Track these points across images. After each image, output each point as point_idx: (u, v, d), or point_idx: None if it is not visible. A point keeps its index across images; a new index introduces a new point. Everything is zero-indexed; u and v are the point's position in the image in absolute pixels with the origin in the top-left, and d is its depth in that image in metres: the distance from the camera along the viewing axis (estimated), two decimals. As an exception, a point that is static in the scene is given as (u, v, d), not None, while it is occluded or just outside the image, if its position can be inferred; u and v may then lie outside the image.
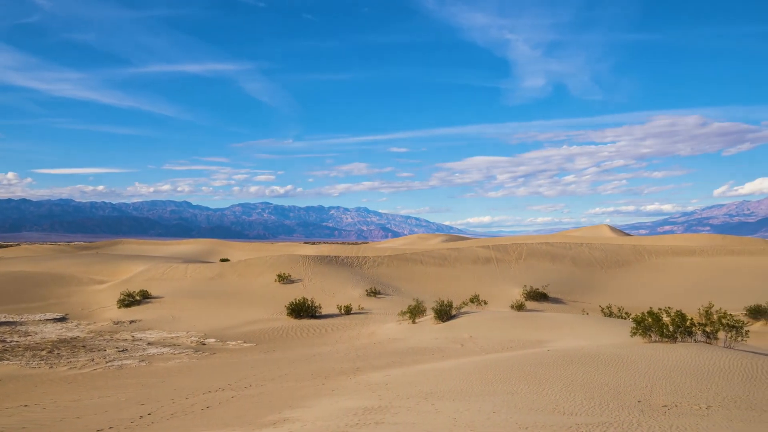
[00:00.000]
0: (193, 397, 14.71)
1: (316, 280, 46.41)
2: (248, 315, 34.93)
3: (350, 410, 10.92)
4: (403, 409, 10.52)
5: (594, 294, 48.13)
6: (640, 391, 10.92)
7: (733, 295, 42.76)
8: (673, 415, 9.15)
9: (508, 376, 12.99)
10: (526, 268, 56.61)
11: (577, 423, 8.61)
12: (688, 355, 13.97)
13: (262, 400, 13.73)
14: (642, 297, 44.94)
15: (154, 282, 45.43)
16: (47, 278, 47.96)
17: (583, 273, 55.65)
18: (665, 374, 12.30)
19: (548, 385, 11.75)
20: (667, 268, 56.93)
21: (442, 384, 12.93)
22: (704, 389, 11.07)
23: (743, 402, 10.18)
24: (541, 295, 44.05)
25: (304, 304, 33.62)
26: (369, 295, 42.35)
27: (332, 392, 13.88)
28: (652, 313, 17.13)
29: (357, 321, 32.19)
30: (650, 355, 14.12)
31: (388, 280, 50.76)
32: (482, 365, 15.02)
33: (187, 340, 27.49)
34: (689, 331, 16.21)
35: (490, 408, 10.00)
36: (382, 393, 12.64)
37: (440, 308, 28.24)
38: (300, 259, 51.39)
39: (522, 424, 8.70)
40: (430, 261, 57.36)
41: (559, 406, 9.97)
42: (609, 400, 10.28)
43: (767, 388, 11.34)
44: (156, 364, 21.60)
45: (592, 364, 13.69)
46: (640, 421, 8.63)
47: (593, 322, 25.76)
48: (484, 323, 26.61)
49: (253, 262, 51.22)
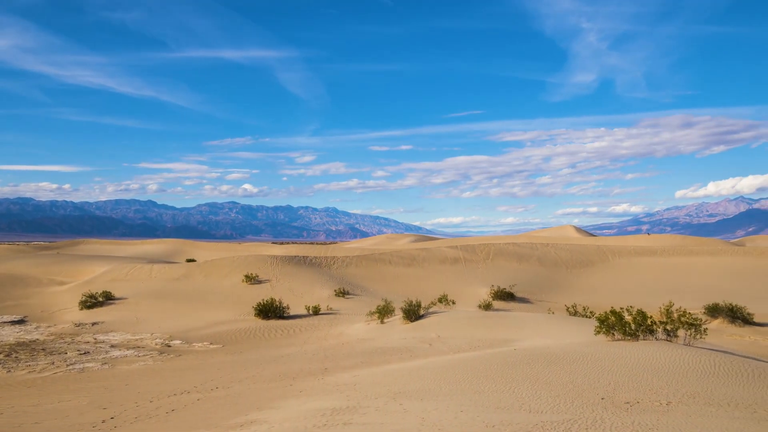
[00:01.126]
0: (157, 400, 14.44)
1: (284, 280, 46.06)
2: (215, 316, 34.46)
3: (318, 411, 10.87)
4: (371, 409, 10.52)
5: (559, 293, 48.93)
6: (603, 389, 11.14)
7: (693, 294, 44.01)
8: (635, 411, 9.36)
9: (475, 376, 13.10)
10: (494, 268, 57.23)
11: (543, 421, 8.74)
12: (649, 352, 14.31)
13: (228, 402, 13.56)
14: (606, 296, 45.89)
15: (118, 283, 44.45)
16: (4, 279, 46.49)
17: (549, 273, 56.52)
18: (628, 372, 12.58)
19: (515, 384, 11.90)
20: (629, 268, 58.25)
21: (410, 384, 12.98)
22: (665, 386, 11.36)
23: (701, 398, 10.48)
24: (508, 294, 44.58)
25: (271, 305, 33.33)
26: (338, 295, 42.23)
27: (300, 393, 13.79)
28: (615, 312, 17.51)
29: (325, 321, 32.07)
30: (613, 353, 14.43)
31: (356, 280, 50.70)
32: (450, 365, 15.12)
33: (152, 342, 26.97)
34: (651, 329, 16.61)
35: (458, 407, 10.08)
36: (351, 393, 12.62)
37: (409, 308, 28.33)
38: (268, 260, 50.94)
39: (489, 422, 8.79)
40: (398, 261, 57.50)
41: (526, 404, 10.10)
42: (574, 397, 10.47)
43: (723, 384, 11.70)
44: (119, 367, 21.14)
45: (557, 362, 13.92)
46: (603, 418, 8.81)
47: (559, 321, 26.19)
48: (452, 323, 26.80)
49: (220, 263, 50.56)
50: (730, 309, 33.89)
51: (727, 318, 33.53)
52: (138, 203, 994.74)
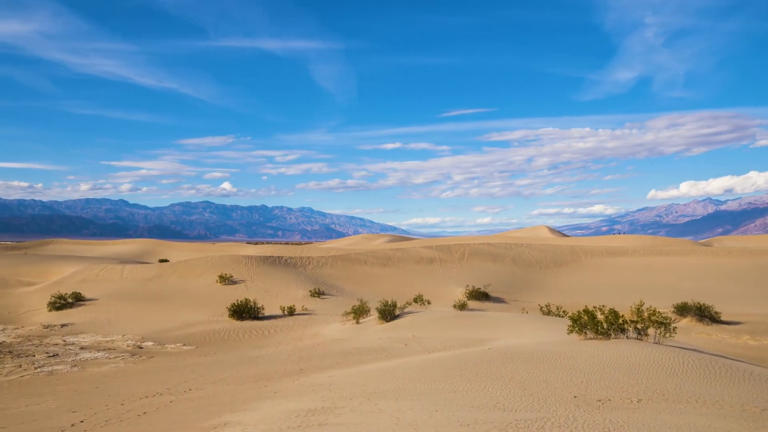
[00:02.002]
0: (129, 402, 14.21)
1: (258, 280, 45.71)
2: (188, 317, 34.04)
3: (293, 412, 10.81)
4: (347, 410, 10.50)
5: (534, 293, 49.47)
6: (576, 387, 11.30)
7: (662, 293, 44.90)
8: (606, 409, 9.51)
9: (450, 375, 13.17)
10: (469, 268, 57.60)
11: (517, 419, 8.82)
12: (620, 351, 14.55)
13: (202, 404, 13.41)
14: (578, 295, 46.54)
15: (88, 284, 43.60)
16: (-30, 280, 45.25)
17: (523, 273, 57.11)
18: (599, 370, 12.77)
19: (489, 383, 11.99)
20: (601, 268, 59.18)
21: (385, 384, 12.99)
22: (635, 383, 11.56)
23: (670, 395, 10.70)
24: (482, 294, 44.92)
25: (246, 306, 33.05)
26: (313, 295, 42.07)
27: (275, 394, 13.71)
28: (588, 311, 17.76)
29: (301, 322, 31.92)
30: (586, 352, 14.64)
31: (332, 280, 50.57)
32: (425, 364, 15.18)
33: (123, 344, 26.53)
34: (622, 328, 16.89)
35: (433, 406, 10.12)
36: (326, 394, 12.58)
37: (384, 308, 28.36)
38: (242, 260, 50.50)
39: (463, 421, 8.84)
40: (374, 261, 57.51)
41: (500, 403, 10.19)
42: (547, 395, 10.59)
43: (692, 382, 11.96)
44: (89, 369, 20.74)
45: (531, 361, 14.07)
46: (575, 416, 8.93)
47: (532, 320, 26.48)
48: (428, 323, 26.89)
49: (194, 263, 49.96)
50: (698, 308, 34.66)
51: (696, 317, 34.28)
52: (109, 202, 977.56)
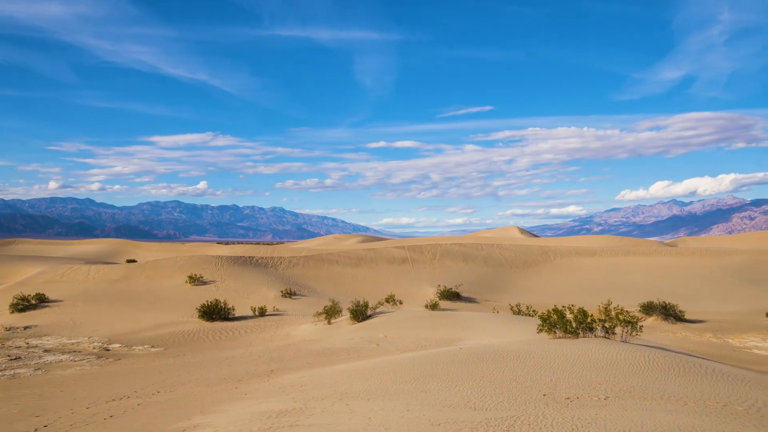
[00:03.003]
0: (95, 406, 13.91)
1: (229, 281, 45.22)
2: (157, 318, 33.49)
3: (264, 414, 10.72)
4: (318, 411, 10.46)
5: (504, 293, 49.98)
6: (545, 385, 11.45)
7: (629, 293, 45.82)
8: (575, 406, 9.66)
9: (422, 375, 13.22)
10: (440, 268, 57.92)
11: (487, 418, 8.90)
12: (589, 349, 14.80)
13: (170, 407, 13.20)
14: (548, 295, 47.18)
15: (53, 284, 42.55)
16: (-73, 281, 43.77)
17: (494, 273, 57.65)
18: (568, 368, 12.97)
19: (460, 382, 12.07)
20: (570, 268, 60.10)
21: (357, 384, 12.97)
22: (603, 381, 11.77)
23: (637, 392, 10.92)
24: (454, 294, 45.21)
25: (216, 306, 32.65)
26: (284, 296, 41.79)
27: (245, 396, 13.57)
28: (557, 310, 18.02)
29: (272, 323, 31.67)
30: (555, 351, 14.84)
31: (303, 280, 50.31)
32: (397, 364, 15.20)
33: (89, 346, 25.96)
34: (590, 327, 17.18)
35: (404, 406, 10.14)
36: (297, 395, 12.51)
37: (356, 308, 28.33)
38: (212, 260, 49.90)
39: (435, 421, 8.88)
40: (346, 261, 57.41)
41: (471, 402, 10.26)
42: (517, 394, 10.71)
43: (657, 379, 12.23)
44: (54, 373, 20.23)
45: (501, 360, 14.21)
46: (545, 414, 9.05)
47: (503, 320, 26.75)
48: (399, 323, 26.95)
49: (163, 263, 49.17)
50: (663, 307, 35.48)
51: (661, 315, 35.08)
52: (75, 201, 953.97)
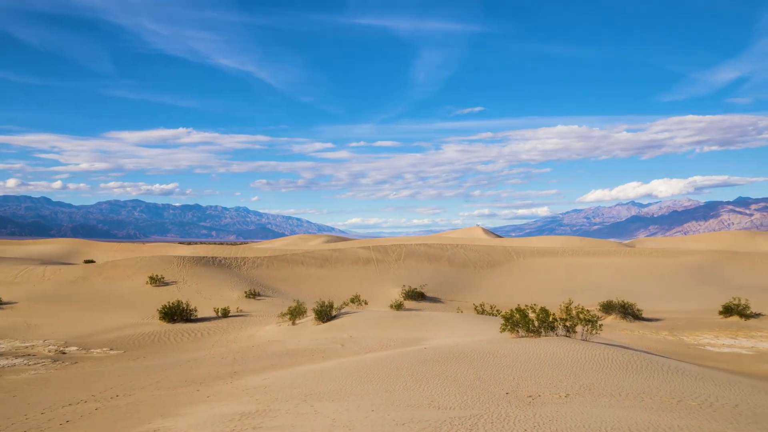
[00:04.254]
0: (50, 411, 13.49)
1: (191, 282, 44.47)
2: (116, 320, 32.70)
3: (226, 416, 10.59)
4: (282, 412, 10.38)
5: (468, 292, 50.49)
6: (508, 384, 11.61)
7: (589, 292, 46.85)
8: (537, 404, 9.83)
9: (386, 375, 13.25)
10: (405, 268, 58.14)
11: (451, 417, 8.97)
12: (550, 348, 15.07)
13: (130, 411, 12.91)
14: (511, 295, 47.85)
15: (6, 286, 41.12)
16: None
17: (458, 273, 58.17)
18: (531, 367, 13.18)
19: (425, 382, 12.14)
20: (533, 268, 61.09)
21: (321, 385, 12.92)
22: (564, 379, 12.00)
23: (596, 389, 11.17)
24: (419, 294, 45.45)
25: (178, 308, 32.07)
26: (248, 296, 41.33)
27: (208, 398, 13.37)
28: (520, 309, 18.30)
29: (235, 324, 31.28)
30: (518, 350, 15.07)
31: (268, 281, 49.85)
32: (362, 365, 15.20)
33: (45, 350, 25.16)
34: (552, 326, 17.50)
35: (369, 406, 10.15)
36: (260, 397, 12.38)
37: (321, 309, 28.21)
38: (174, 260, 48.99)
39: (399, 420, 8.91)
40: (311, 262, 57.12)
41: (435, 401, 10.33)
42: (480, 393, 10.83)
43: (616, 376, 12.53)
44: (6, 377, 19.54)
45: (465, 359, 14.34)
46: (507, 412, 9.17)
47: (467, 319, 27.00)
48: (364, 323, 26.95)
49: (122, 264, 48.05)
50: (622, 306, 36.41)
51: (620, 314, 35.99)
52: (29, 200, 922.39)
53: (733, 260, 64.26)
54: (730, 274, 57.78)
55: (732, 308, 35.52)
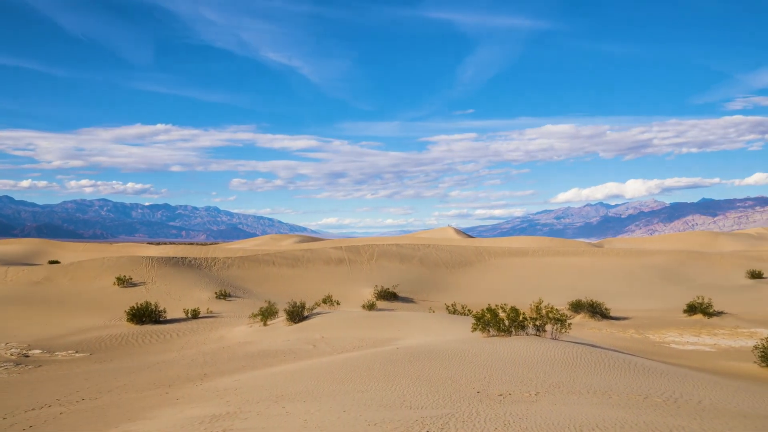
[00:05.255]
0: (12, 416, 13.13)
1: (160, 282, 43.77)
2: (82, 322, 31.99)
3: (196, 419, 10.45)
4: (253, 414, 10.29)
5: (440, 292, 50.77)
6: (479, 383, 11.71)
7: (559, 291, 47.53)
8: (507, 402, 9.93)
9: (358, 375, 13.24)
10: (378, 268, 58.18)
11: (423, 416, 9.01)
12: (521, 347, 15.26)
13: (96, 415, 12.64)
14: (482, 294, 48.26)
15: (-34, 288, 39.89)
16: None
17: (430, 273, 58.45)
18: (501, 365, 13.32)
19: (397, 382, 12.17)
20: (504, 268, 61.73)
21: (293, 386, 12.84)
22: (534, 377, 12.16)
23: (565, 387, 11.34)
24: (391, 294, 45.53)
25: (146, 309, 31.51)
26: (218, 297, 40.86)
27: (177, 401, 13.18)
28: (491, 309, 18.47)
29: (205, 325, 30.89)
30: (489, 349, 15.21)
31: (239, 282, 49.37)
32: (334, 365, 15.16)
33: (6, 353, 24.47)
34: (522, 325, 17.71)
35: (341, 407, 10.13)
36: (231, 398, 12.26)
37: (292, 309, 28.04)
38: (142, 261, 48.15)
39: (371, 420, 8.92)
40: (282, 262, 56.75)
41: (407, 401, 10.36)
42: (452, 392, 10.90)
43: (585, 374, 12.75)
44: (-34, 381, 18.96)
45: (437, 359, 14.42)
46: (478, 411, 9.25)
47: (439, 319, 27.14)
48: (336, 323, 26.89)
49: (88, 264, 47.04)
50: (590, 305, 37.04)
51: (588, 313, 36.60)
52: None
53: (697, 260, 65.94)
54: (694, 273, 59.27)
55: (696, 307, 36.43)
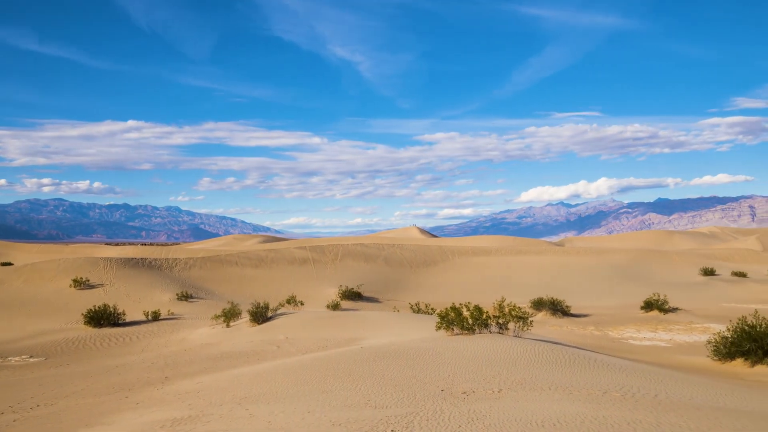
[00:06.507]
0: (-38, 424, 12.63)
1: (119, 284, 42.74)
2: (37, 326, 30.99)
3: (157, 423, 10.24)
4: (216, 417, 10.14)
5: (405, 292, 50.96)
6: (443, 381, 11.80)
7: (521, 290, 48.28)
8: (471, 400, 10.03)
9: (323, 375, 13.18)
10: (342, 268, 58.05)
11: (387, 415, 9.03)
12: (484, 345, 15.44)
13: (51, 421, 12.26)
14: (447, 293, 48.66)
15: None
16: None
17: (395, 272, 58.62)
18: (465, 364, 13.44)
19: (361, 381, 12.16)
20: (468, 267, 62.37)
21: (256, 388, 12.71)
22: (497, 375, 12.32)
23: (528, 384, 11.53)
24: (356, 294, 45.50)
25: (104, 311, 30.69)
26: (180, 299, 40.14)
27: (137, 405, 12.89)
28: (455, 308, 18.62)
29: (166, 327, 30.30)
30: (453, 347, 15.34)
31: (201, 282, 48.59)
32: (298, 366, 15.06)
33: (-44, 358, 23.54)
34: (485, 323, 17.91)
35: (305, 408, 10.07)
36: (193, 401, 12.05)
37: (256, 310, 27.76)
38: (100, 262, 46.93)
39: (336, 421, 8.89)
40: (246, 262, 56.10)
41: (371, 401, 10.37)
42: (416, 391, 10.95)
43: (546, 371, 12.98)
44: None
45: (401, 358, 14.47)
46: (442, 409, 9.32)
47: (403, 318, 27.25)
48: (301, 324, 26.73)
49: (44, 266, 45.58)
50: (551, 303, 37.71)
51: (550, 310, 37.26)
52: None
53: (654, 258, 67.91)
54: (651, 271, 61.03)
55: (652, 303, 37.51)
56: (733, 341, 19.38)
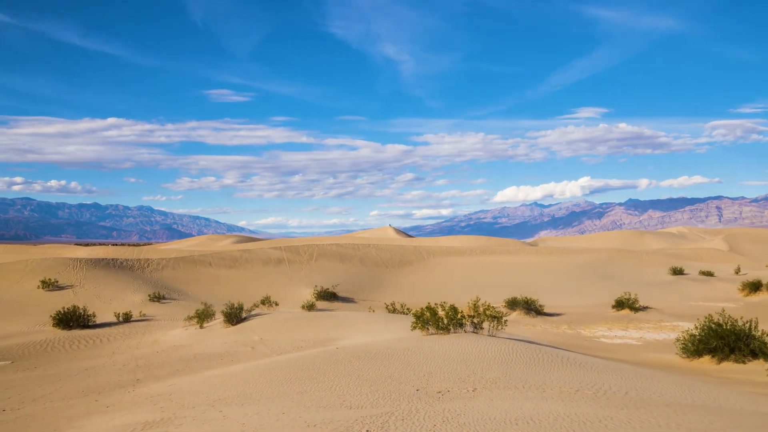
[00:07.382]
0: (-77, 430, 12.25)
1: (89, 285, 41.92)
2: (3, 328, 30.22)
3: (128, 426, 10.06)
4: (189, 419, 10.01)
5: (381, 292, 50.98)
6: (418, 380, 11.83)
7: (496, 289, 48.68)
8: (446, 399, 10.08)
9: (298, 376, 13.11)
10: (318, 268, 57.83)
11: (363, 416, 9.02)
12: (459, 344, 15.52)
13: (18, 427, 11.97)
14: (422, 293, 48.82)
15: None
16: None
17: (370, 272, 58.60)
18: (440, 363, 13.50)
19: (337, 382, 12.13)
20: (443, 267, 62.67)
21: (230, 389, 12.58)
22: (471, 374, 12.39)
23: (502, 382, 11.62)
24: (331, 294, 45.36)
25: (74, 313, 30.07)
26: (152, 300, 39.55)
27: (107, 408, 12.65)
28: (430, 307, 18.68)
29: (138, 329, 29.81)
30: (428, 347, 15.39)
31: (173, 283, 47.93)
32: (272, 367, 14.95)
33: None
34: (460, 323, 18.01)
35: (280, 409, 10.00)
36: (165, 404, 11.88)
37: (230, 311, 27.48)
38: (70, 263, 45.98)
39: (311, 422, 8.85)
40: (220, 263, 55.53)
41: (347, 401, 10.34)
42: (392, 390, 10.96)
43: (520, 369, 13.10)
44: None
45: (377, 358, 14.47)
46: (417, 408, 9.35)
47: (379, 318, 27.24)
48: (275, 325, 26.54)
49: (10, 267, 44.47)
50: (525, 302, 38.12)
51: (524, 310, 37.66)
52: None
53: (625, 258, 69.09)
54: (622, 270, 62.08)
55: (623, 302, 38.18)
56: (701, 339, 19.85)
